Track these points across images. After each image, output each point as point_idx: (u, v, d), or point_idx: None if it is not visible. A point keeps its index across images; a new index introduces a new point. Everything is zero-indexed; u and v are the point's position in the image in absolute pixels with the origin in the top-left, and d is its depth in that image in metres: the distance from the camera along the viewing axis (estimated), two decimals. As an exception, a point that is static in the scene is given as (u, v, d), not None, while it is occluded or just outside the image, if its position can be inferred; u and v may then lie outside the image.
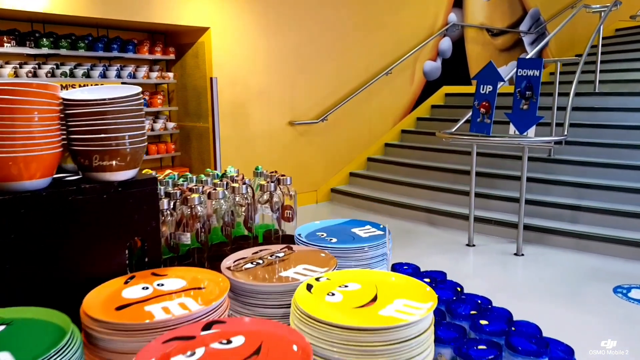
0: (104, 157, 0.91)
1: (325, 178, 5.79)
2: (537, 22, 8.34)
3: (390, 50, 6.17)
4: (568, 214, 4.19)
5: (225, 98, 4.82)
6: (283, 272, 0.99)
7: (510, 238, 4.11)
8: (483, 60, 7.43)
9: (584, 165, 4.58)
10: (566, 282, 3.35)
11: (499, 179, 4.81)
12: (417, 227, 4.67)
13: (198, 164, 5.01)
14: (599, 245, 3.83)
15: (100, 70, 4.39)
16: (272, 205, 1.27)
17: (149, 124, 4.73)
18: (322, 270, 1.00)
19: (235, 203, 1.23)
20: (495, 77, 3.83)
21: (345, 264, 1.14)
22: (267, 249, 1.13)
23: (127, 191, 0.94)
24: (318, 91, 5.57)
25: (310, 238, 1.23)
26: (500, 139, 3.92)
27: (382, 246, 1.17)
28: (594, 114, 5.25)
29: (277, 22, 5.12)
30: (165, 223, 1.07)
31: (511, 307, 3.09)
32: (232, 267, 1.00)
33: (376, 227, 1.31)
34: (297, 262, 1.06)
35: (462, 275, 3.55)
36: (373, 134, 6.19)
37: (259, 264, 1.04)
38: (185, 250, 1.13)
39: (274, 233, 1.32)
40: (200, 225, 1.10)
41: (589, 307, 2.95)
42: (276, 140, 5.28)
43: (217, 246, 1.21)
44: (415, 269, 1.50)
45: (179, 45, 4.98)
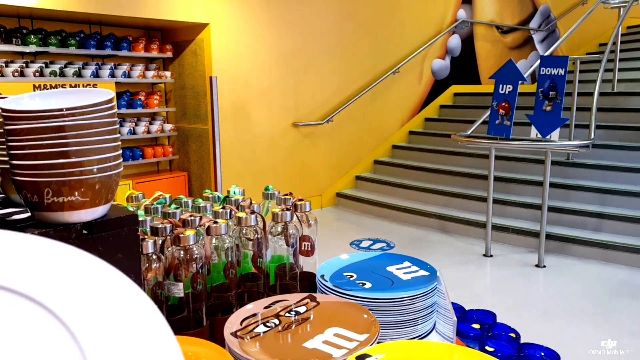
0: (61, 191, 0.65)
1: (330, 182, 5.53)
2: (547, 19, 8.08)
3: (398, 48, 5.91)
4: (591, 221, 3.94)
5: (225, 98, 4.56)
6: (309, 342, 0.73)
7: (530, 247, 3.85)
8: (493, 59, 7.18)
9: (606, 170, 4.32)
10: (595, 298, 3.10)
11: (516, 184, 4.55)
12: (429, 235, 4.41)
13: (197, 168, 4.76)
14: (627, 257, 3.57)
15: (93, 69, 4.13)
16: (287, 238, 1.01)
17: (145, 126, 4.47)
18: (361, 339, 0.74)
19: (242, 235, 0.97)
20: (516, 76, 3.57)
21: (382, 319, 0.88)
22: (284, 301, 0.87)
23: (96, 235, 0.68)
24: (322, 91, 5.30)
25: (336, 281, 0.97)
26: (522, 143, 3.66)
27: (432, 294, 0.91)
28: (613, 115, 4.99)
29: (280, 18, 4.85)
30: (151, 269, 0.81)
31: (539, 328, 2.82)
32: (240, 333, 0.74)
33: (419, 264, 1.05)
34: (325, 323, 0.80)
35: (482, 290, 3.29)
36: (380, 135, 5.94)
37: (273, 325, 0.78)
38: (177, 299, 0.87)
39: (289, 270, 1.07)
40: (197, 269, 0.84)
41: (623, 328, 2.69)
42: (279, 143, 5.02)
43: (218, 290, 0.95)
44: (460, 309, 1.24)
45: (176, 43, 4.72)
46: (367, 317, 0.81)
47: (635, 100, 5.10)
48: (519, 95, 3.78)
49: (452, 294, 3.17)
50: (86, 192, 0.67)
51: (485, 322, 1.18)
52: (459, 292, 3.16)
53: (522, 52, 7.72)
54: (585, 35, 8.08)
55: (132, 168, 4.56)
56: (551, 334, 2.63)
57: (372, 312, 0.87)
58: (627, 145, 4.49)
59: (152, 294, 0.83)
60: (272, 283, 1.08)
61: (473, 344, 1.10)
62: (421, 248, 4.09)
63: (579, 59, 4.58)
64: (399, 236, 4.37)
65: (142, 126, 4.45)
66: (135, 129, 4.41)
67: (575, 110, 4.42)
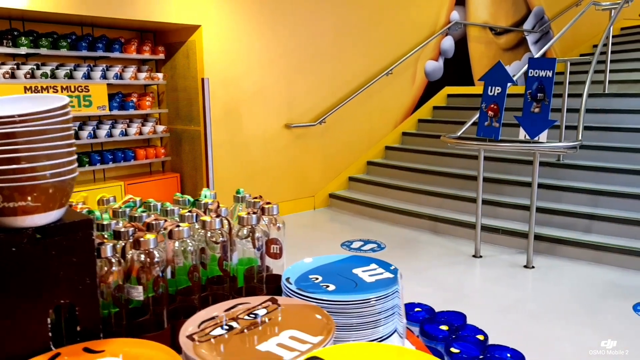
0: (13, 196, 0.66)
1: (323, 183, 5.55)
2: (541, 21, 8.10)
3: (391, 50, 5.93)
4: (581, 223, 3.95)
5: (218, 100, 4.57)
6: (262, 345, 0.75)
7: (520, 248, 3.87)
8: (486, 60, 7.20)
9: (596, 171, 4.34)
10: (582, 299, 3.11)
11: (507, 185, 4.56)
12: (420, 236, 4.42)
13: (190, 169, 4.76)
14: (616, 257, 3.59)
15: (85, 70, 4.14)
16: (254, 241, 1.02)
17: (137, 127, 4.48)
18: (315, 341, 0.75)
19: (208, 239, 0.98)
20: (505, 77, 3.59)
21: (344, 321, 0.89)
22: (245, 303, 0.88)
23: (49, 240, 0.69)
24: (316, 92, 5.32)
25: (301, 284, 0.98)
26: (510, 145, 3.67)
27: (393, 296, 0.93)
28: (604, 116, 5.01)
29: (272, 19, 4.87)
30: (111, 272, 0.82)
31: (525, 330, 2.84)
32: (196, 336, 0.76)
33: (384, 267, 1.06)
34: (282, 325, 0.81)
35: (469, 291, 3.31)
36: (373, 136, 5.95)
37: (231, 328, 0.79)
38: (140, 302, 0.88)
39: (257, 272, 1.08)
40: (159, 273, 0.85)
41: (608, 329, 2.71)
42: (272, 144, 5.03)
43: (183, 294, 0.96)
44: (430, 311, 1.25)
45: (168, 45, 4.73)
46: (323, 319, 0.82)
47: (627, 102, 5.13)
48: (510, 96, 3.79)
49: (439, 294, 3.19)
50: (39, 197, 0.68)
51: (454, 324, 1.19)
52: (445, 293, 3.17)
53: (516, 54, 7.74)
54: (579, 37, 8.11)
55: (124, 169, 4.57)
56: (536, 336, 2.64)
57: (333, 314, 0.89)
58: (619, 147, 4.51)
59: (113, 297, 0.84)
60: (240, 285, 1.09)
61: (440, 345, 1.11)
62: (411, 249, 4.10)
63: (569, 60, 4.61)
64: (390, 237, 4.38)
65: (135, 127, 4.46)
66: (128, 131, 4.42)
67: (565, 112, 4.44)
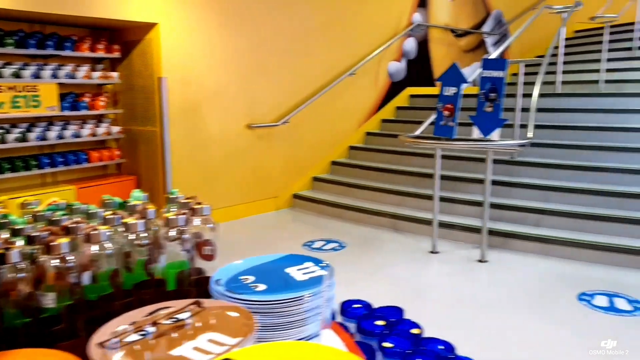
0: None
1: (286, 184, 5.53)
2: (499, 24, 8.37)
3: (354, 51, 5.97)
4: (532, 217, 4.11)
5: (176, 100, 4.47)
6: (177, 349, 0.73)
7: (475, 243, 3.98)
8: (448, 61, 7.36)
9: (547, 168, 4.52)
10: (530, 290, 3.23)
11: (463, 182, 4.69)
12: (381, 234, 4.48)
13: (146, 171, 4.64)
14: (564, 250, 3.75)
15: (34, 69, 3.96)
16: (183, 243, 1.00)
17: (90, 129, 4.32)
18: (233, 342, 0.74)
19: (132, 242, 0.96)
20: (459, 78, 3.68)
21: (272, 320, 0.89)
22: (167, 308, 0.86)
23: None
24: (278, 92, 5.29)
25: (231, 285, 0.97)
26: (465, 143, 3.77)
27: (320, 294, 0.93)
28: (556, 115, 5.23)
29: (234, 18, 4.81)
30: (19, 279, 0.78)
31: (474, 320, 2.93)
32: (108, 343, 0.73)
33: (318, 264, 1.06)
34: (202, 328, 0.79)
35: (425, 286, 3.38)
36: (337, 136, 5.98)
37: (148, 333, 0.77)
38: (56, 310, 0.84)
39: (187, 275, 1.06)
40: (73, 278, 0.82)
41: (553, 318, 2.83)
42: (233, 145, 4.97)
43: (105, 301, 0.93)
44: (367, 306, 1.27)
45: (124, 43, 4.58)
46: (243, 320, 0.81)
47: (576, 101, 5.37)
48: (465, 96, 3.90)
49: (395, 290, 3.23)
50: None
51: (391, 319, 1.20)
52: (401, 289, 3.23)
53: (476, 55, 7.96)
54: (536, 40, 8.42)
55: (76, 172, 4.39)
56: (485, 325, 2.73)
57: (261, 314, 0.88)
58: (569, 144, 4.72)
59: (23, 306, 0.80)
60: (172, 289, 1.06)
61: (374, 340, 1.12)
62: (372, 247, 4.15)
63: (523, 61, 4.79)
64: (352, 236, 4.41)
65: (88, 129, 4.30)
66: (80, 132, 4.26)
67: (520, 111, 4.61)
